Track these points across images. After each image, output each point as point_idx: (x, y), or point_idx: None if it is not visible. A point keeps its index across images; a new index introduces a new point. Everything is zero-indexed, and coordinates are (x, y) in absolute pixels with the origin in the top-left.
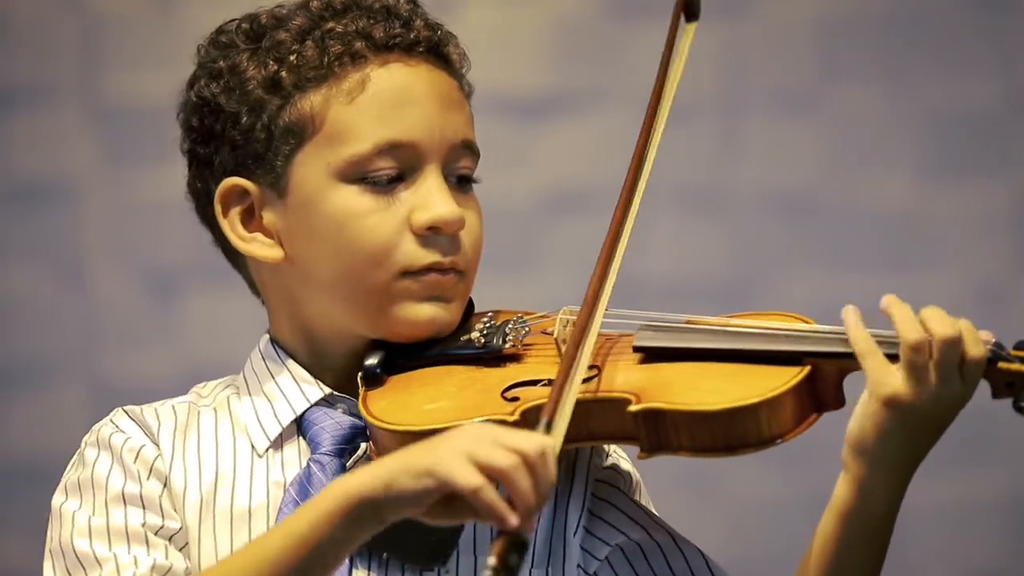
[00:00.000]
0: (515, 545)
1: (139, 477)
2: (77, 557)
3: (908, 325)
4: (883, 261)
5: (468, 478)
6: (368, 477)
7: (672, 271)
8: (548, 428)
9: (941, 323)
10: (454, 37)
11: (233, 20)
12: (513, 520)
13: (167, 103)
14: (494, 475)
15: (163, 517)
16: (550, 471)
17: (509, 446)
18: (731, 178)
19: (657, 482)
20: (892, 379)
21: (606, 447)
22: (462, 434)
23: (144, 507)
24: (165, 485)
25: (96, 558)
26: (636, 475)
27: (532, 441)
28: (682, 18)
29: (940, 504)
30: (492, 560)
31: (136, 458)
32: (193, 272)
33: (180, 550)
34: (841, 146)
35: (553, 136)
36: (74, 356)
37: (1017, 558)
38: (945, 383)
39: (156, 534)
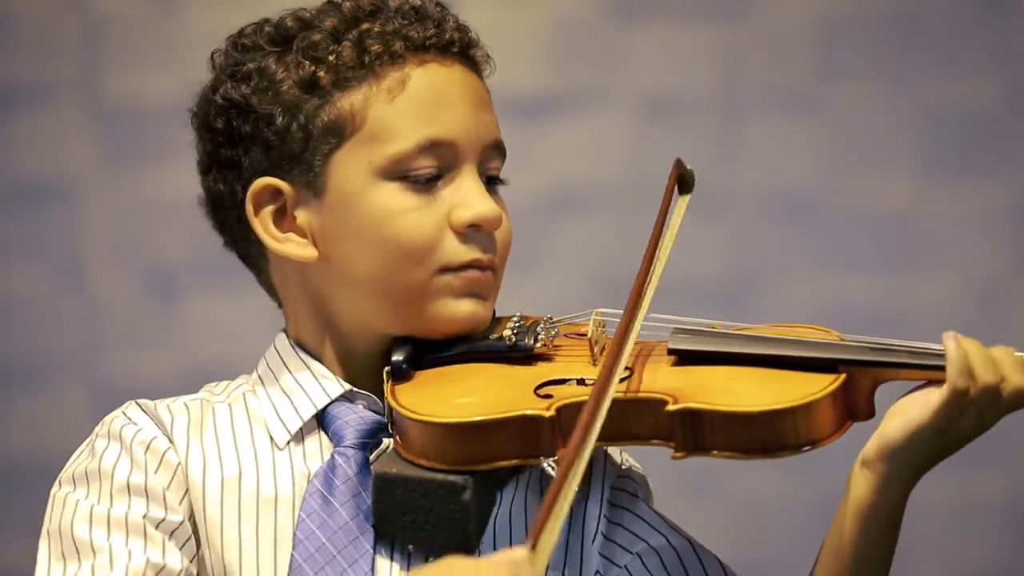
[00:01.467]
0: None
1: (146, 467)
2: (74, 542)
3: (982, 365)
4: (883, 261)
5: None
6: None
7: (672, 271)
8: (533, 548)
9: (1012, 368)
10: (480, 41)
11: (251, 24)
12: None
13: (167, 103)
14: None
15: (166, 510)
16: None
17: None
18: (731, 178)
19: (658, 483)
20: (959, 415)
21: (618, 453)
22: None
23: (148, 498)
24: (174, 476)
25: (92, 545)
26: (647, 480)
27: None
28: (676, 191)
29: (940, 504)
30: None
31: (147, 449)
32: (193, 272)
33: (182, 546)
34: (841, 146)
35: (553, 136)
36: (74, 356)
37: (1017, 558)
38: (996, 415)
39: (157, 527)
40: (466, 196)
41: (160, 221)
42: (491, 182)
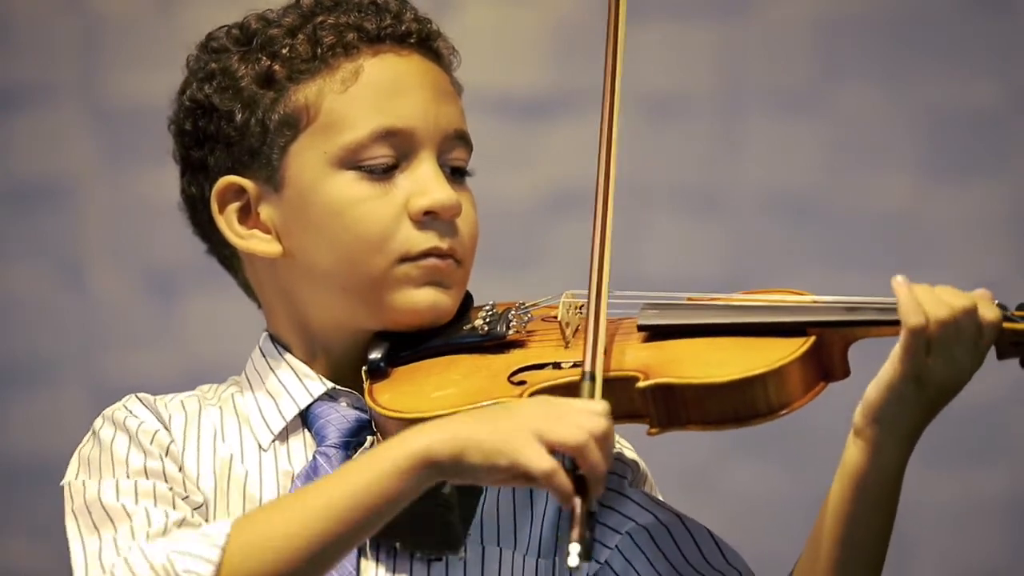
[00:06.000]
0: (592, 522)
1: (159, 456)
2: (104, 510)
3: (933, 303)
4: (883, 261)
5: (540, 462)
6: (438, 442)
7: (671, 272)
8: (592, 380)
9: (957, 297)
10: (443, 34)
11: (222, 27)
12: (578, 504)
13: (167, 103)
14: (566, 452)
15: (187, 490)
16: (612, 438)
17: (576, 424)
18: (731, 178)
19: (655, 480)
20: (925, 356)
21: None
22: (526, 410)
23: (167, 480)
24: (181, 469)
25: (125, 511)
26: (643, 465)
27: (594, 416)
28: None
29: (940, 504)
30: (577, 547)
31: (152, 440)
32: (193, 272)
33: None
34: (841, 146)
35: (553, 136)
36: (74, 356)
37: (1017, 558)
38: (966, 353)
39: (184, 500)
40: (423, 184)
41: (160, 221)
42: (456, 174)
